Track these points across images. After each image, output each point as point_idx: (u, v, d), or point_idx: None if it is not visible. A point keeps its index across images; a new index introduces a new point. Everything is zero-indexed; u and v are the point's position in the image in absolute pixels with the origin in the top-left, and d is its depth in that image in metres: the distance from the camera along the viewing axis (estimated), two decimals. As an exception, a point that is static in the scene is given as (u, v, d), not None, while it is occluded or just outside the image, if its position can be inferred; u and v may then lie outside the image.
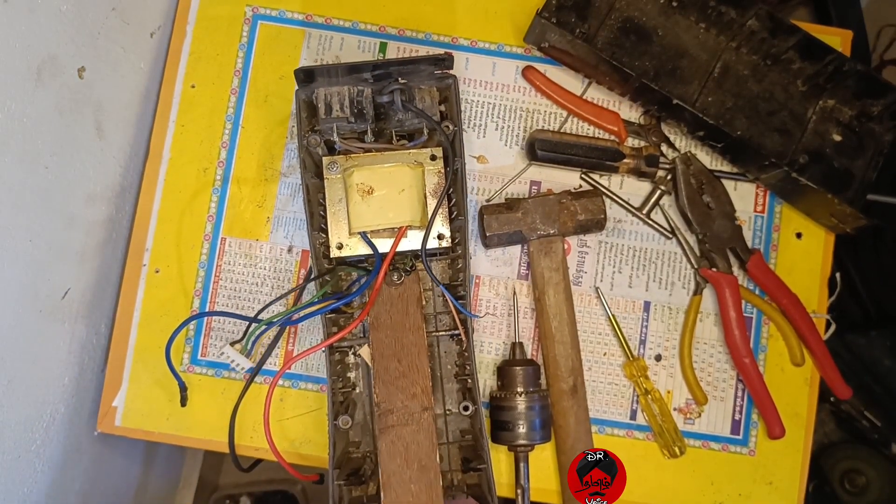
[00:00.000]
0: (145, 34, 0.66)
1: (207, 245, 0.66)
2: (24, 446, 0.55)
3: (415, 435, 0.54)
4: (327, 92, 0.57)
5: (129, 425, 0.64)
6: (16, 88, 0.47)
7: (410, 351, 0.56)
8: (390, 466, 0.53)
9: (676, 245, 0.68)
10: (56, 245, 0.56)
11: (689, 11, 0.67)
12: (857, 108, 0.66)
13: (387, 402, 0.55)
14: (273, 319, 0.60)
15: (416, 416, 0.54)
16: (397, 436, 0.54)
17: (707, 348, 0.66)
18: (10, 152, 0.48)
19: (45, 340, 0.57)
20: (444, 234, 0.58)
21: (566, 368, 0.62)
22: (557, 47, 0.66)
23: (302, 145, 0.59)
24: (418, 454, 0.53)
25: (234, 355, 0.62)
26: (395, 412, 0.55)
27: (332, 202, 0.58)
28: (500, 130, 0.69)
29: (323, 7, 0.69)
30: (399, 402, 0.55)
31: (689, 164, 0.66)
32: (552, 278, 0.63)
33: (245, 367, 0.63)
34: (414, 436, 0.54)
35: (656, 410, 0.64)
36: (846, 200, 0.63)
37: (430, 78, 0.60)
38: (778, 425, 0.63)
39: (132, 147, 0.66)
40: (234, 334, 0.65)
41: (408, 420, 0.54)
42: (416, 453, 0.53)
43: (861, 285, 1.00)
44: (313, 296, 0.59)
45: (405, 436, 0.54)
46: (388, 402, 0.55)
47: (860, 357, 1.00)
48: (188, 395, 0.63)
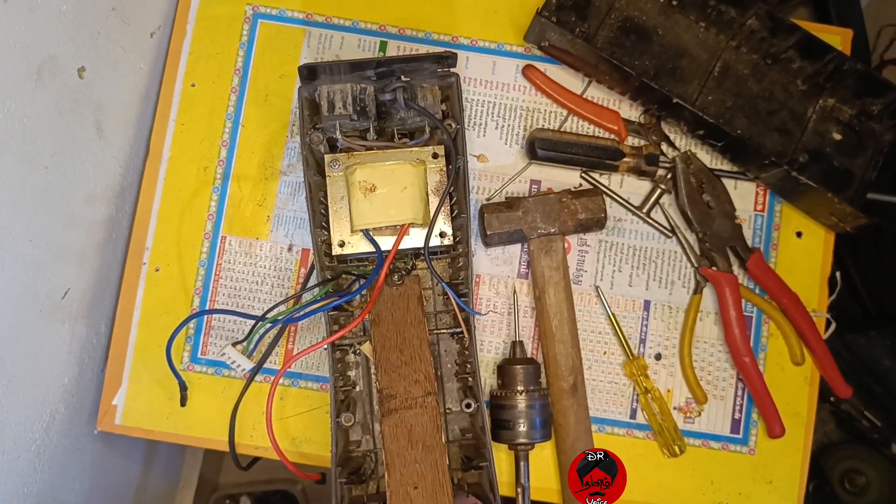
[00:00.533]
0: (145, 34, 0.66)
1: (208, 244, 0.66)
2: (24, 446, 0.55)
3: (418, 417, 0.53)
4: (330, 89, 0.57)
5: (129, 424, 0.64)
6: (16, 88, 0.47)
7: (412, 343, 0.55)
8: (394, 447, 0.52)
9: (676, 244, 0.68)
10: (56, 245, 0.56)
11: (688, 11, 0.67)
12: (857, 107, 0.66)
13: (389, 388, 0.54)
14: (277, 317, 0.60)
15: (419, 401, 0.54)
16: (400, 419, 0.53)
17: (707, 347, 0.66)
18: (10, 152, 0.48)
19: (45, 340, 0.57)
20: (445, 231, 0.58)
21: (566, 367, 0.62)
22: (557, 46, 0.66)
23: (304, 143, 0.58)
24: (423, 435, 0.53)
25: (235, 356, 0.62)
26: (397, 397, 0.54)
27: (334, 200, 0.58)
28: (500, 129, 0.69)
29: (323, 6, 0.69)
30: (402, 388, 0.54)
31: (689, 163, 0.66)
32: (552, 277, 0.63)
33: (246, 367, 0.63)
34: (417, 418, 0.53)
35: (656, 409, 0.64)
36: (846, 199, 0.63)
37: (433, 76, 0.60)
38: (778, 424, 0.63)
39: (132, 147, 0.66)
40: (234, 332, 0.65)
41: (411, 404, 0.53)
42: (420, 434, 0.53)
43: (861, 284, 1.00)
44: (315, 294, 0.59)
45: (409, 418, 0.53)
46: (390, 388, 0.54)
47: (860, 356, 1.00)
48: (188, 395, 0.63)
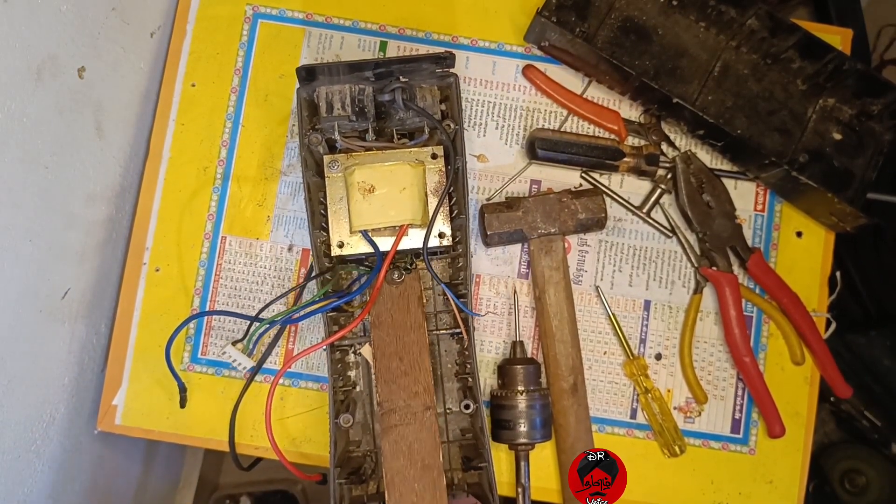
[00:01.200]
0: (145, 34, 0.66)
1: (208, 244, 0.66)
2: (24, 446, 0.55)
3: (417, 434, 0.54)
4: (329, 90, 0.57)
5: (129, 424, 0.64)
6: (16, 88, 0.47)
7: (412, 349, 0.56)
8: (394, 466, 0.53)
9: (676, 244, 0.68)
10: (56, 245, 0.56)
11: (688, 11, 0.67)
12: (857, 107, 0.66)
13: (389, 401, 0.55)
14: (276, 318, 0.60)
15: (418, 416, 0.54)
16: (400, 435, 0.54)
17: (707, 347, 0.66)
18: (10, 152, 0.48)
19: (45, 340, 0.57)
20: (445, 232, 0.58)
21: (566, 367, 0.62)
22: (557, 46, 0.66)
23: (303, 143, 0.58)
24: (421, 453, 0.53)
25: (235, 354, 0.62)
26: (397, 411, 0.54)
27: (333, 200, 0.58)
28: (500, 129, 0.69)
29: (323, 6, 0.69)
30: (401, 402, 0.55)
31: (690, 163, 0.66)
32: (552, 277, 0.63)
33: (247, 366, 0.63)
34: (417, 434, 0.54)
35: (656, 409, 0.64)
36: (846, 199, 0.63)
37: (432, 76, 0.60)
38: (778, 424, 0.63)
39: (132, 147, 0.66)
40: (234, 333, 0.65)
41: (410, 419, 0.54)
42: (419, 452, 0.53)
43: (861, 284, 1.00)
44: (314, 294, 0.59)
45: (408, 435, 0.54)
46: (390, 402, 0.55)
47: (860, 357, 1.00)
48: (188, 396, 0.63)
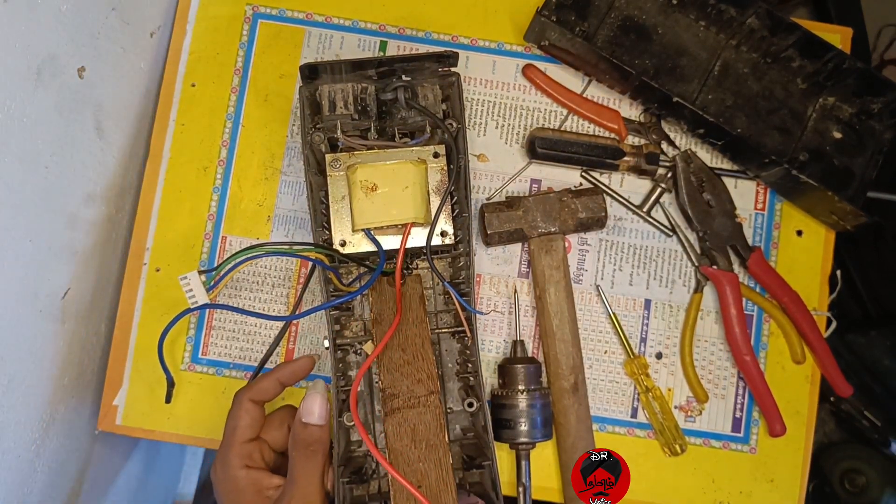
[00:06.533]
0: (145, 34, 0.66)
1: (208, 244, 0.66)
2: (24, 446, 0.55)
3: (421, 416, 0.53)
4: (331, 89, 0.57)
5: (129, 424, 0.64)
6: (16, 88, 0.47)
7: (414, 342, 0.55)
8: (397, 447, 0.52)
9: (677, 243, 0.68)
10: (56, 245, 0.56)
11: (688, 10, 0.67)
12: (858, 106, 0.66)
13: (391, 387, 0.54)
14: (254, 251, 0.58)
15: (422, 400, 0.53)
16: (403, 418, 0.53)
17: (708, 346, 0.66)
18: (10, 152, 0.47)
19: (46, 340, 0.56)
20: (447, 231, 0.58)
21: (567, 366, 0.62)
22: (557, 45, 0.66)
23: (305, 142, 0.58)
24: (426, 434, 0.52)
25: (194, 284, 0.57)
26: (400, 396, 0.54)
27: (335, 199, 0.58)
28: (500, 129, 0.69)
29: (323, 6, 0.69)
30: (404, 387, 0.54)
31: (690, 162, 0.66)
32: (553, 276, 0.63)
33: (201, 301, 0.57)
34: (420, 417, 0.53)
35: (657, 408, 0.64)
36: (846, 198, 0.63)
37: (434, 75, 0.60)
38: (779, 423, 0.63)
39: (132, 147, 0.66)
40: (234, 332, 0.65)
41: (414, 403, 0.53)
42: (423, 433, 0.52)
43: (861, 283, 1.00)
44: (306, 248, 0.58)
45: (411, 417, 0.53)
46: (392, 388, 0.54)
47: (860, 356, 1.00)
48: (174, 392, 0.62)
